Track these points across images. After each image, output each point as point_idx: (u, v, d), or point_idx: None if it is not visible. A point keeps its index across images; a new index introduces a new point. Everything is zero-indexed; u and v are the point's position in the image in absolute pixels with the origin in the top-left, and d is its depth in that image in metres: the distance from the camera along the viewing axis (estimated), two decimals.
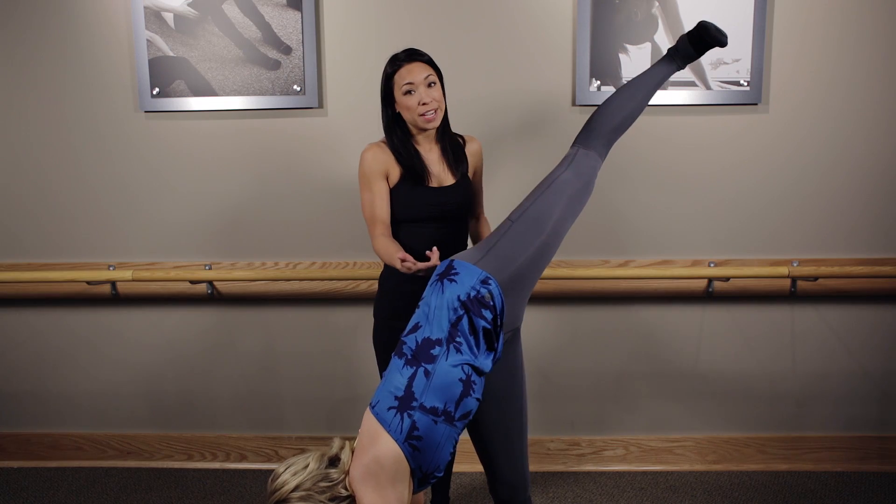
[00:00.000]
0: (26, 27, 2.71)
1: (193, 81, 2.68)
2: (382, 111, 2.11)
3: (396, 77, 2.05)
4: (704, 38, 2.06)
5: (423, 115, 2.02)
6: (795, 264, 2.65)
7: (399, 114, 2.09)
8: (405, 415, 1.65)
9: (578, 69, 2.61)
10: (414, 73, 2.02)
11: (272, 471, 1.64)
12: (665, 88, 2.61)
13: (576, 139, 2.01)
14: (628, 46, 2.60)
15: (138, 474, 2.86)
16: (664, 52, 2.57)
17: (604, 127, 1.98)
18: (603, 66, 2.61)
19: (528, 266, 1.83)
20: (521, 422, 1.95)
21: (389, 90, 2.07)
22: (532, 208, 1.87)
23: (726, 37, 2.07)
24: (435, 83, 2.04)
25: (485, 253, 1.82)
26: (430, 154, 2.13)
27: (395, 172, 2.09)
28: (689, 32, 2.09)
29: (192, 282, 2.72)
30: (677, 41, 2.11)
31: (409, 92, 2.02)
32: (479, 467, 2.78)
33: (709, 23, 2.06)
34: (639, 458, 2.84)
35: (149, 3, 2.65)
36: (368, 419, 1.69)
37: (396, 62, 2.06)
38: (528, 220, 1.86)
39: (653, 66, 2.10)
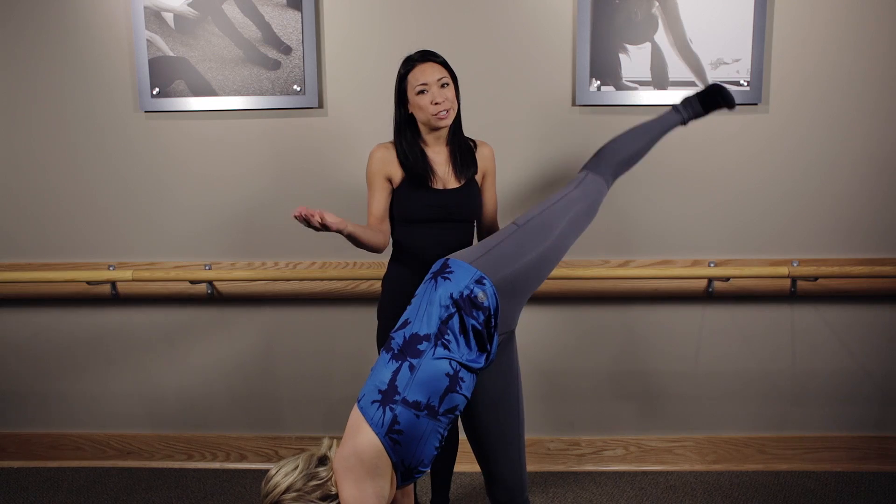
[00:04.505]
0: (26, 27, 2.71)
1: (193, 81, 2.68)
2: (395, 112, 2.13)
3: (410, 77, 2.07)
4: (717, 98, 2.19)
5: (435, 114, 2.05)
6: (795, 264, 2.65)
7: (411, 115, 2.11)
8: (387, 408, 1.66)
9: (578, 69, 2.61)
10: (427, 74, 2.04)
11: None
12: (665, 88, 2.61)
13: (585, 165, 2.13)
14: (628, 46, 2.60)
15: (138, 474, 2.86)
16: (664, 52, 2.58)
17: (611, 158, 2.12)
18: (603, 66, 2.61)
19: (526, 272, 1.83)
20: (518, 424, 1.95)
21: (403, 91, 2.09)
22: (539, 217, 1.91)
23: (734, 100, 2.21)
24: (448, 84, 2.07)
25: (483, 253, 1.83)
26: (438, 156, 2.14)
27: (400, 173, 2.11)
28: (700, 93, 2.22)
29: (192, 282, 2.72)
30: (683, 99, 2.24)
31: (422, 92, 2.04)
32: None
33: (723, 85, 2.20)
34: (639, 458, 2.84)
35: (149, 3, 2.65)
36: (354, 413, 1.72)
37: (410, 62, 2.08)
38: (533, 227, 1.89)
39: (660, 116, 2.22)
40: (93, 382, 2.91)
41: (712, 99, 2.20)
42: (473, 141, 2.23)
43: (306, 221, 1.83)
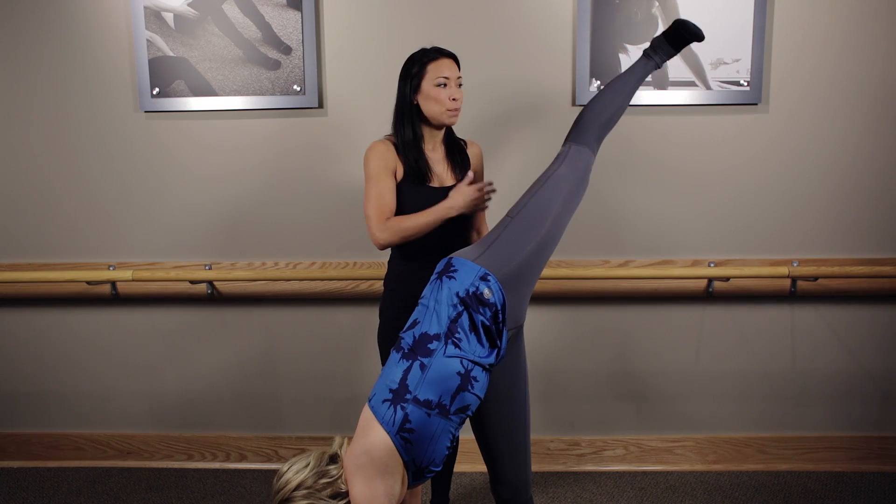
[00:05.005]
0: (26, 27, 2.71)
1: (193, 81, 2.68)
2: (400, 104, 2.11)
3: (431, 67, 2.06)
4: (683, 34, 2.10)
5: (450, 109, 2.06)
6: (795, 264, 2.65)
7: (416, 106, 2.09)
8: (398, 407, 1.66)
9: (578, 69, 2.61)
10: (450, 69, 2.07)
11: (272, 471, 1.66)
12: (665, 88, 2.61)
13: (567, 137, 2.05)
14: (628, 46, 2.60)
15: (138, 474, 2.86)
16: None
17: (592, 123, 2.04)
18: (603, 66, 2.61)
19: (528, 262, 1.83)
20: (524, 420, 1.95)
21: (419, 80, 2.07)
22: (530, 204, 1.89)
23: (702, 31, 2.10)
24: (461, 84, 2.10)
25: (484, 250, 1.83)
26: (435, 154, 2.14)
27: (400, 170, 2.11)
28: (667, 31, 2.12)
29: (192, 282, 2.72)
30: (652, 41, 2.14)
31: (442, 85, 2.05)
32: (479, 467, 2.78)
33: (685, 20, 2.10)
34: (639, 458, 2.84)
35: (149, 3, 2.65)
36: (364, 412, 1.72)
37: (431, 54, 2.08)
38: (526, 215, 1.87)
39: (632, 66, 2.14)
40: (93, 382, 2.91)
41: (679, 36, 2.12)
42: (464, 140, 2.24)
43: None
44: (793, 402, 2.80)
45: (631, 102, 2.58)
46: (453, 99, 2.06)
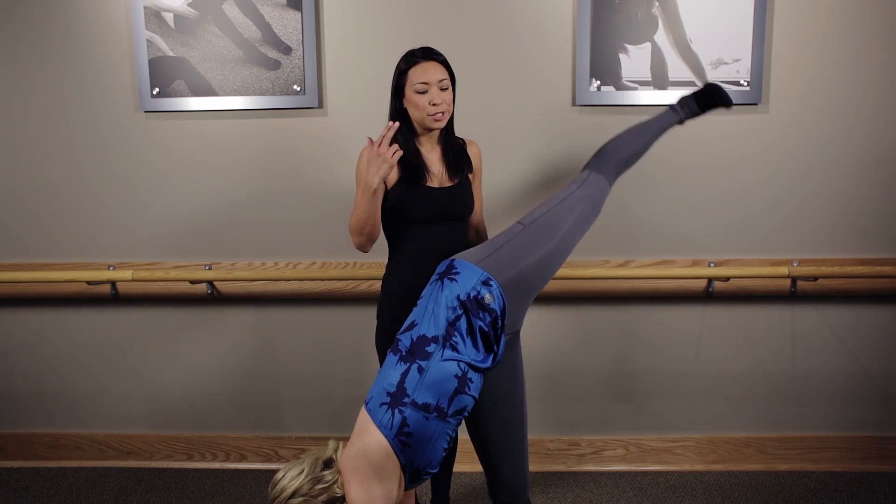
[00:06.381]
0: (26, 27, 2.71)
1: (193, 81, 2.68)
2: (391, 106, 2.11)
3: (411, 73, 2.04)
4: (714, 98, 2.20)
5: (431, 115, 2.03)
6: (795, 264, 2.65)
7: (405, 110, 2.08)
8: (396, 410, 1.66)
9: (578, 69, 2.61)
10: (430, 73, 2.02)
11: (272, 471, 1.66)
12: (665, 88, 2.61)
13: (587, 164, 2.13)
14: (628, 46, 2.60)
15: (138, 474, 2.86)
16: (664, 52, 2.58)
17: (612, 157, 2.12)
18: (603, 66, 2.61)
19: (531, 272, 1.83)
20: (522, 424, 1.95)
21: (401, 85, 2.06)
22: (543, 218, 1.91)
23: (731, 99, 2.22)
24: (447, 87, 2.05)
25: (489, 253, 1.83)
26: (431, 154, 2.13)
27: (394, 172, 2.08)
28: (697, 93, 2.22)
29: (192, 282, 2.72)
30: (680, 98, 2.24)
31: (422, 91, 2.02)
32: (480, 467, 2.78)
33: (719, 85, 2.21)
34: (639, 458, 2.84)
35: (149, 3, 2.65)
36: (361, 415, 1.71)
37: (413, 58, 2.05)
38: (539, 227, 1.89)
39: (657, 115, 2.22)
40: (93, 382, 2.91)
41: (709, 98, 2.20)
42: (462, 139, 2.22)
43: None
44: (793, 402, 2.80)
45: (631, 102, 2.62)
46: (434, 104, 2.01)
